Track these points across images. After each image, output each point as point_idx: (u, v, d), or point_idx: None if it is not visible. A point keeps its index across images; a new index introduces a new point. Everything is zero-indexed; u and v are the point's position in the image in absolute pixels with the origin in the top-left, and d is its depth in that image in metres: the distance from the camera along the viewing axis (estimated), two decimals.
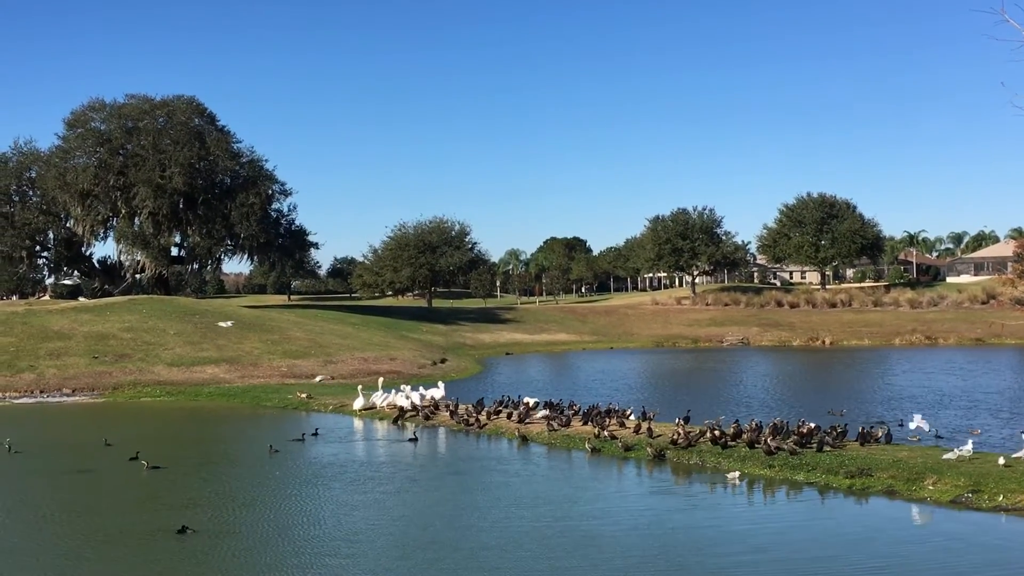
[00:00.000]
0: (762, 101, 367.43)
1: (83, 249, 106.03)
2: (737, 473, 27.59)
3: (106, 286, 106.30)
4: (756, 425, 32.14)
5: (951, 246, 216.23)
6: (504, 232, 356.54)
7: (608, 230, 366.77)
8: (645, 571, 19.24)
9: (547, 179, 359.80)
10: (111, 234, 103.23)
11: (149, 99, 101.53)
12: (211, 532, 22.72)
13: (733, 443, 30.85)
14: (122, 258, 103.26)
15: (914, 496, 24.98)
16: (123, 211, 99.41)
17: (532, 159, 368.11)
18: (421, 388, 45.45)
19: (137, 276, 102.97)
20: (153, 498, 26.79)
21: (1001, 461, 26.19)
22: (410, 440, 36.71)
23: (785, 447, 29.46)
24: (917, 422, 33.84)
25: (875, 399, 48.25)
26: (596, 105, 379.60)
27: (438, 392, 44.79)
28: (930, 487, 25.18)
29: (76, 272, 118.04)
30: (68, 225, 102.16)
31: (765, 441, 29.80)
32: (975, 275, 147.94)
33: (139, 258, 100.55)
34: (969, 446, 27.88)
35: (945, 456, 27.48)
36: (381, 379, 50.17)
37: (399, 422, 41.22)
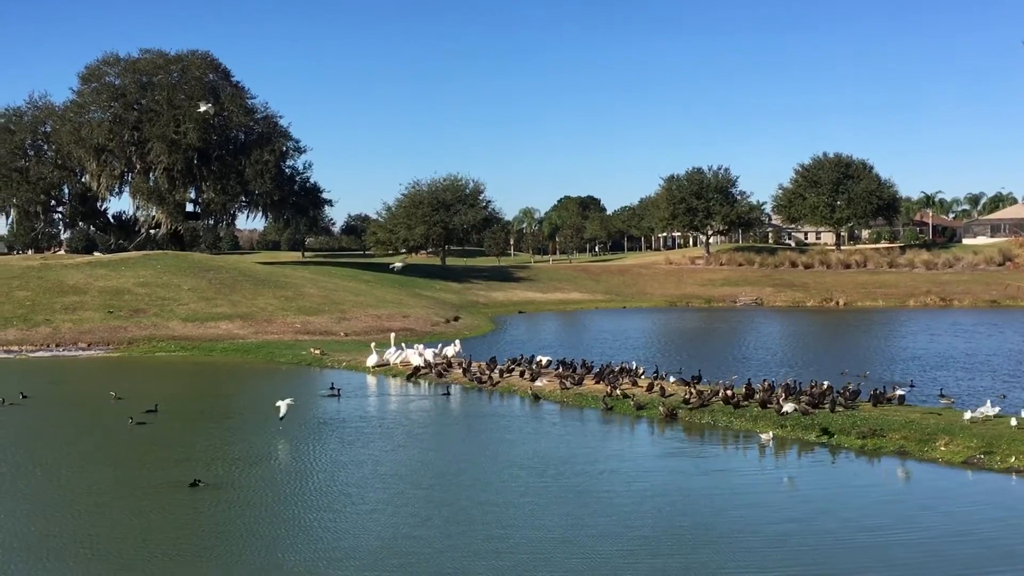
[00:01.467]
0: (778, 61, 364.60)
1: (98, 204, 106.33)
2: (771, 434, 27.44)
3: (121, 241, 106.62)
4: (768, 385, 32.18)
5: (968, 207, 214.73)
6: (518, 190, 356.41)
7: (622, 189, 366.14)
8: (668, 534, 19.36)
9: (562, 138, 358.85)
10: (126, 189, 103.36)
11: (163, 54, 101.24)
12: (221, 485, 22.98)
13: (745, 403, 30.88)
14: (137, 213, 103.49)
15: (926, 457, 25.01)
16: (138, 166, 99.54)
17: (547, 117, 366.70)
18: (440, 345, 45.62)
19: (152, 232, 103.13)
20: (166, 452, 27.01)
21: (1014, 423, 26.16)
22: (444, 395, 37.11)
23: (798, 407, 29.47)
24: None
25: (881, 359, 48.15)
26: (612, 64, 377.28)
27: (451, 349, 44.93)
28: (942, 448, 25.19)
29: (91, 227, 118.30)
30: (83, 180, 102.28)
31: (777, 401, 29.83)
32: (991, 237, 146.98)
33: (154, 213, 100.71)
34: (989, 406, 27.86)
35: (966, 416, 27.37)
36: (393, 335, 50.29)
37: (412, 379, 41.41)
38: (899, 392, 31.62)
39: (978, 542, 18.34)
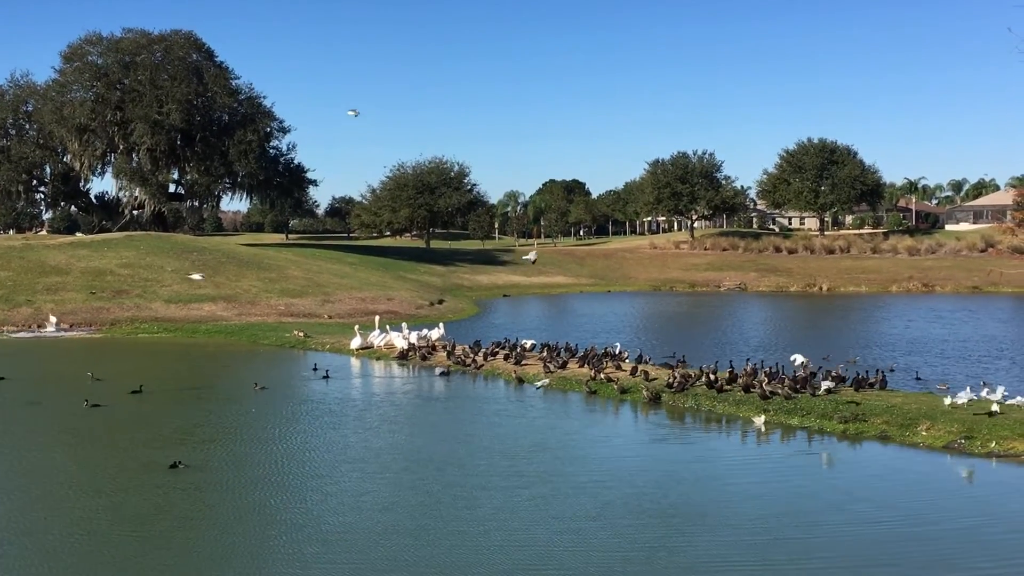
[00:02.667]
0: (763, 46, 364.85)
1: (80, 184, 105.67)
2: (763, 418, 27.54)
3: (104, 222, 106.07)
4: (752, 369, 32.26)
5: (951, 194, 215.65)
6: (503, 174, 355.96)
7: (607, 173, 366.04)
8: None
9: (547, 121, 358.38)
10: (109, 170, 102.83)
11: (146, 33, 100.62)
12: (201, 467, 22.89)
13: (728, 387, 30.96)
14: (120, 194, 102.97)
15: (907, 441, 25.14)
16: (120, 147, 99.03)
17: (532, 101, 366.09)
18: (424, 329, 45.58)
19: (135, 212, 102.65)
20: (145, 432, 26.88)
21: (995, 408, 26.30)
22: (441, 375, 37.29)
23: (780, 392, 29.56)
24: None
25: (862, 344, 48.38)
26: (597, 48, 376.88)
27: (435, 333, 44.90)
28: (923, 433, 25.33)
29: (73, 207, 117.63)
30: (65, 160, 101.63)
31: (760, 385, 29.90)
32: (974, 223, 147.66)
33: (137, 194, 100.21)
34: (968, 393, 27.98)
35: (948, 401, 27.47)
36: (378, 318, 50.22)
37: (401, 361, 41.41)
38: (879, 378, 31.72)
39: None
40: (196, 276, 66.74)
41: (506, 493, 20.56)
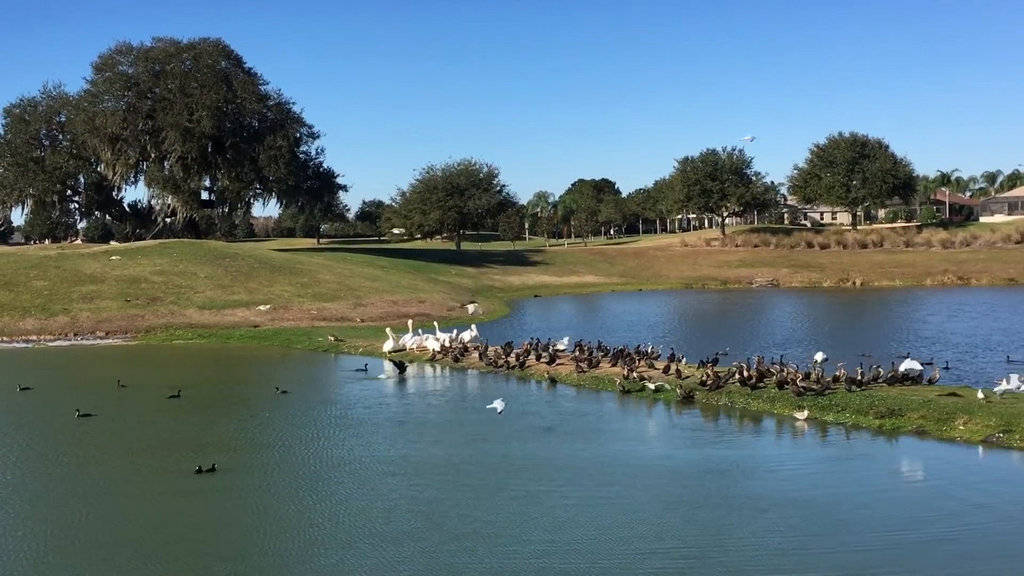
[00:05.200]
0: (793, 40, 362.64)
1: (113, 193, 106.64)
2: (806, 413, 27.49)
3: (137, 230, 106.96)
4: (782, 367, 32.01)
5: (985, 185, 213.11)
6: (532, 174, 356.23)
7: (637, 172, 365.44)
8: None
9: (576, 121, 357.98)
10: (141, 178, 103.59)
11: (176, 42, 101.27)
12: (226, 472, 22.99)
13: (762, 384, 30.80)
14: (152, 202, 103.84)
15: (944, 436, 24.92)
16: (152, 155, 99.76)
17: (561, 101, 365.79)
18: (455, 331, 45.66)
19: (167, 220, 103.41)
20: (174, 438, 27.13)
21: None
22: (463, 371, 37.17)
23: (815, 388, 29.39)
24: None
25: (901, 338, 48.02)
26: (625, 46, 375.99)
27: (468, 334, 44.93)
28: (961, 427, 25.10)
29: (107, 216, 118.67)
30: (98, 169, 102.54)
31: (794, 382, 29.73)
32: (1009, 214, 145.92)
33: (169, 202, 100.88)
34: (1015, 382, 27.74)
35: (996, 389, 27.27)
36: (411, 321, 50.37)
37: (433, 363, 41.61)
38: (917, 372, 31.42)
39: None
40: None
41: (575, 501, 20.58)
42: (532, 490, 20.95)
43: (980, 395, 27.30)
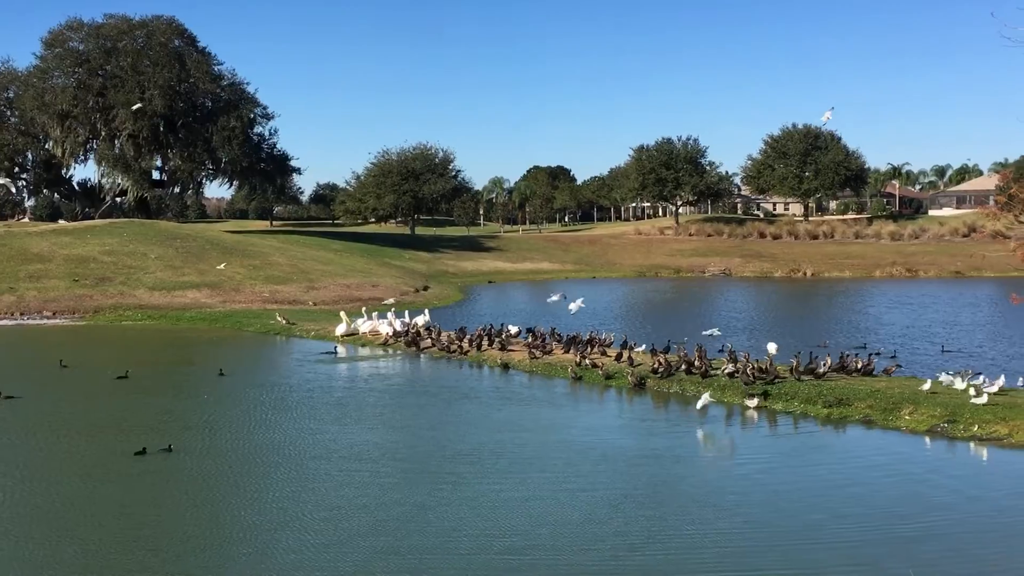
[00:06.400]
0: (749, 33, 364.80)
1: (63, 171, 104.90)
2: (756, 401, 27.76)
3: (86, 209, 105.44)
4: (732, 355, 32.20)
5: (934, 179, 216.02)
6: (488, 160, 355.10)
7: (592, 159, 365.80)
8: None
9: (532, 107, 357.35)
10: (91, 156, 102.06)
11: (128, 19, 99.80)
12: (165, 454, 22.87)
13: (714, 372, 31.02)
14: (102, 181, 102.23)
15: (890, 425, 25.27)
16: (103, 133, 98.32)
17: (517, 87, 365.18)
18: (407, 314, 45.52)
19: (117, 199, 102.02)
20: (113, 421, 26.91)
21: (978, 396, 26.35)
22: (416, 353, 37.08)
23: (764, 376, 29.66)
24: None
25: (848, 329, 48.67)
26: (581, 33, 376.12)
27: (421, 319, 44.82)
28: (907, 417, 25.46)
29: (56, 194, 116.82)
30: (47, 147, 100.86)
31: (744, 371, 29.96)
32: (957, 208, 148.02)
33: (119, 181, 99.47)
34: (949, 377, 28.13)
35: (928, 387, 27.61)
36: (364, 308, 50.16)
37: (386, 347, 41.48)
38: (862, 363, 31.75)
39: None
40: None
41: (504, 482, 20.62)
42: (463, 473, 21.17)
43: (926, 386, 27.66)
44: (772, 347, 32.40)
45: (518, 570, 15.53)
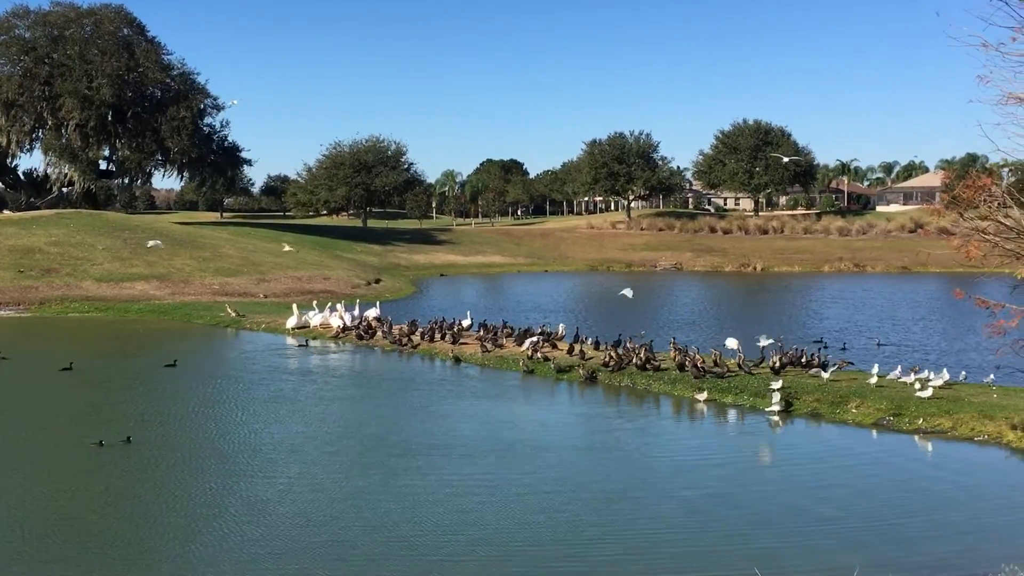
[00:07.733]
0: (700, 28, 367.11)
1: (8, 160, 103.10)
2: (705, 395, 27.98)
3: (32, 199, 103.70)
4: (682, 349, 32.47)
5: (882, 175, 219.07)
6: (441, 153, 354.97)
7: (545, 153, 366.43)
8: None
9: (485, 101, 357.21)
10: (37, 146, 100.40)
11: (75, 6, 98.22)
12: (124, 445, 22.72)
13: (664, 366, 31.25)
14: (49, 171, 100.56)
15: (837, 419, 25.62)
16: (49, 122, 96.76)
17: (470, 79, 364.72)
18: (356, 307, 45.34)
19: (64, 190, 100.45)
20: (68, 413, 26.61)
21: (923, 390, 26.77)
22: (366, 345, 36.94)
23: (714, 370, 29.94)
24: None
25: (797, 324, 49.23)
26: (534, 27, 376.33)
27: (372, 312, 44.69)
28: (853, 410, 25.82)
29: (0, 184, 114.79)
30: None
31: (694, 364, 30.22)
32: (904, 204, 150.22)
33: (66, 171, 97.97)
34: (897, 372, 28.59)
35: (874, 380, 28.02)
36: (315, 300, 49.89)
37: (337, 340, 41.33)
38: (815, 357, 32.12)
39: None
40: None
41: (446, 473, 20.64)
42: (395, 466, 21.20)
43: (872, 380, 28.08)
44: (732, 342, 32.24)
45: (441, 565, 15.57)
